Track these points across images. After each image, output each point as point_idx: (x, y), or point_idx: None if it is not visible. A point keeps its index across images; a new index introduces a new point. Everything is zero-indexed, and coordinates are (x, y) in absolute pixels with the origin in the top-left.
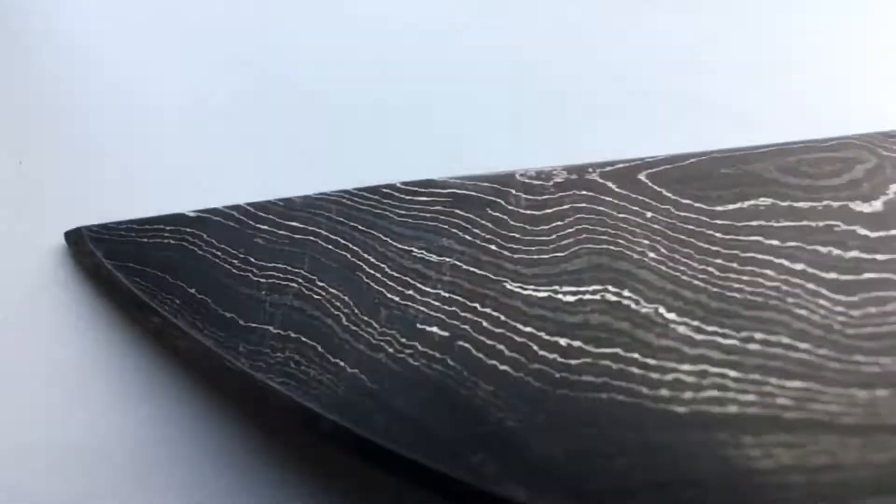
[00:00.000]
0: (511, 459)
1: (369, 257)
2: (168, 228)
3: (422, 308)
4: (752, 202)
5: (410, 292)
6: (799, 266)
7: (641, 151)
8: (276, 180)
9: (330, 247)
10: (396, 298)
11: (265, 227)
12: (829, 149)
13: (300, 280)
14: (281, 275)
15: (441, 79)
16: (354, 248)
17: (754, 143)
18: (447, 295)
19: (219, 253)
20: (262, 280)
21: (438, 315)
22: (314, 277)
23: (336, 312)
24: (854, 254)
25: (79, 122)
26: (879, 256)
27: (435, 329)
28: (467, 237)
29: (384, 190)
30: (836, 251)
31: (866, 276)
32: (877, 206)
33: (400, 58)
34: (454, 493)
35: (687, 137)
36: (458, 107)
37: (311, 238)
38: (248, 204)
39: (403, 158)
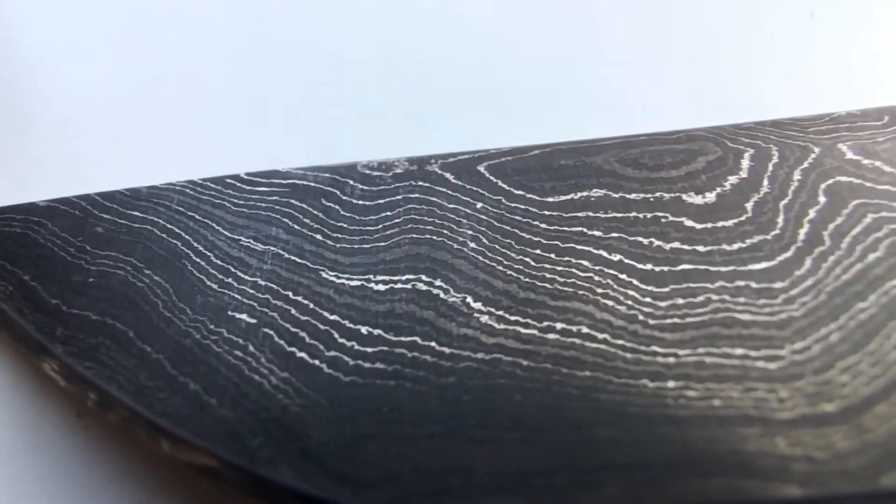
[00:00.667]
0: (287, 444)
1: (198, 246)
2: (18, 218)
3: (236, 296)
4: (584, 193)
5: (229, 280)
6: (616, 257)
7: (511, 142)
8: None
9: (164, 236)
10: (215, 286)
11: (107, 217)
12: (675, 141)
13: (129, 268)
14: (111, 263)
15: (319, 70)
16: (186, 237)
17: (628, 133)
18: (264, 283)
19: (59, 242)
20: (92, 268)
21: (251, 303)
22: (142, 266)
23: (155, 299)
24: (675, 245)
25: None
26: (700, 248)
27: (244, 316)
28: (296, 227)
29: (228, 180)
30: (657, 242)
31: (682, 267)
32: (710, 198)
33: (270, 52)
34: (231, 478)
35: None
36: (341, 98)
37: (149, 227)
38: (97, 194)
39: (283, 148)
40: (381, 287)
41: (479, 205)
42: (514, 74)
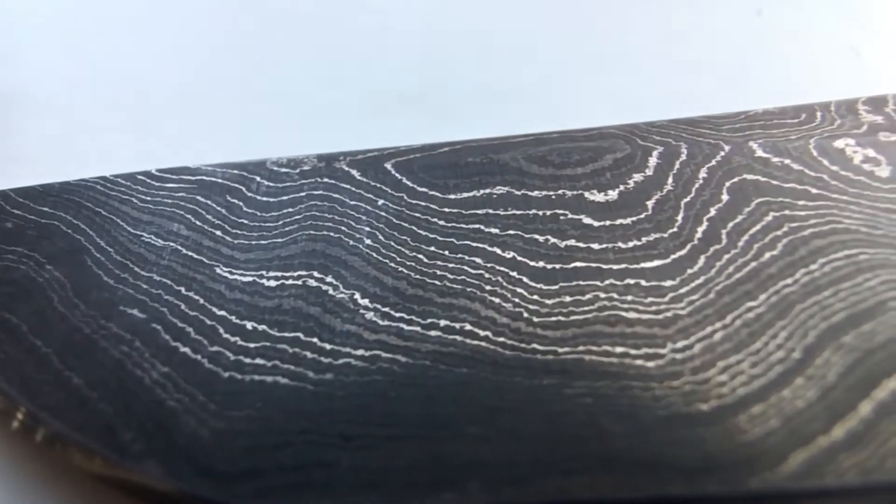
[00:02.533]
0: (158, 439)
1: (100, 242)
2: None
3: (130, 291)
4: (487, 191)
5: (125, 276)
6: (510, 254)
7: (442, 139)
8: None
9: (69, 231)
10: (111, 281)
11: (18, 213)
12: (586, 138)
13: (32, 264)
14: (15, 258)
15: (248, 67)
16: (91, 232)
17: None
18: (158, 279)
19: None
20: None
21: (142, 298)
22: (44, 261)
23: (52, 294)
24: (570, 242)
25: None
26: (596, 245)
27: (135, 311)
28: (197, 223)
29: (139, 176)
30: (553, 240)
31: (574, 265)
32: (612, 195)
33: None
34: (100, 471)
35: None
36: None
37: (55, 223)
38: (12, 189)
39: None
40: (273, 283)
41: (381, 202)
42: (441, 72)
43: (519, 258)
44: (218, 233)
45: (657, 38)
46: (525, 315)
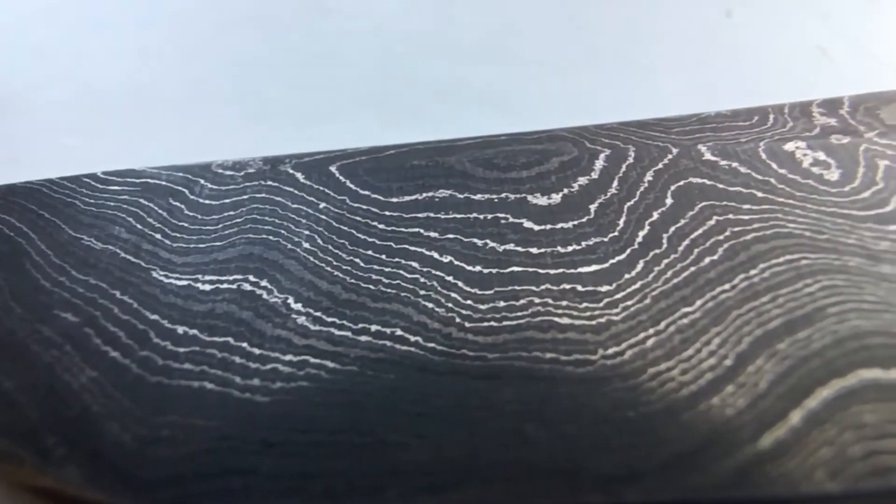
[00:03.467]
0: (81, 444)
1: (41, 245)
2: None
3: (65, 294)
4: (430, 194)
5: (62, 279)
6: (447, 258)
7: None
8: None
9: (12, 234)
10: (48, 284)
11: None
12: (534, 141)
13: None
14: None
15: (209, 67)
16: (32, 235)
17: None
18: (95, 282)
19: None
20: None
21: (77, 301)
22: None
23: None
24: (509, 247)
25: None
26: (534, 250)
27: (69, 315)
28: (138, 226)
29: (84, 179)
30: (492, 244)
31: (511, 269)
32: (555, 199)
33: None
34: (23, 479)
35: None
36: (229, 96)
37: None
38: None
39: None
40: (207, 287)
41: (323, 205)
42: (398, 74)
43: (456, 262)
44: (157, 236)
45: (625, 39)
46: (457, 320)
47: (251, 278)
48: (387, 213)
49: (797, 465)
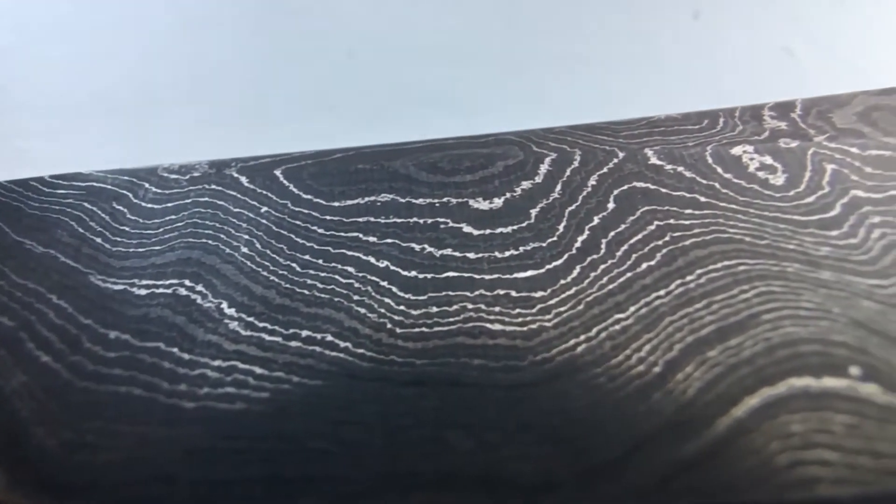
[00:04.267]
0: (7, 449)
1: None
2: None
3: (3, 298)
4: (372, 198)
5: (2, 282)
6: (383, 263)
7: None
8: None
9: None
10: None
11: None
12: (481, 145)
13: None
14: None
15: (168, 72)
16: None
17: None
18: (33, 286)
19: None
20: None
21: (14, 305)
22: None
23: None
24: (446, 252)
25: None
26: (472, 255)
27: (5, 319)
28: (80, 230)
29: (31, 182)
30: (429, 249)
31: (447, 274)
32: (497, 203)
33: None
34: None
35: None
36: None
37: None
38: None
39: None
40: (143, 292)
41: (264, 209)
42: (357, 78)
43: (392, 267)
44: (98, 240)
45: (593, 41)
46: (388, 326)
47: (187, 283)
48: (327, 217)
49: (719, 474)
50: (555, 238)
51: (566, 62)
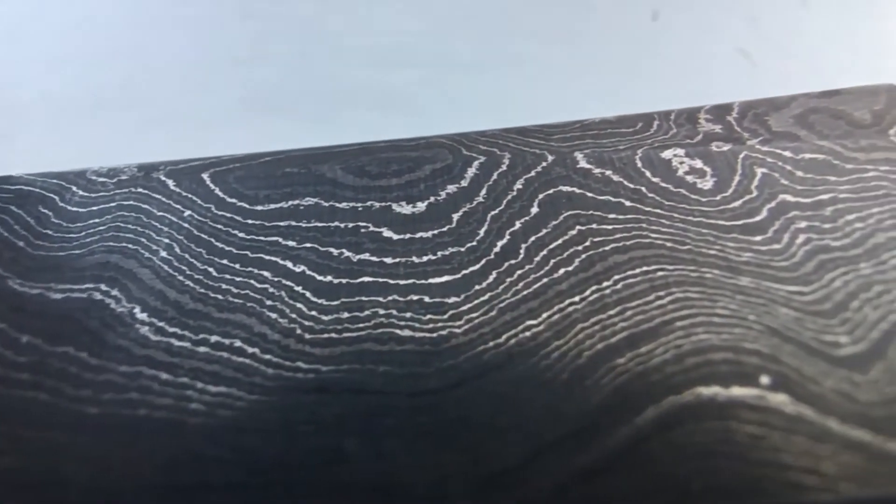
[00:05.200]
0: None
1: None
2: None
3: None
4: (295, 202)
5: None
6: (300, 268)
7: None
8: None
9: None
10: None
11: None
12: (411, 148)
13: None
14: None
15: (117, 72)
16: None
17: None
18: None
19: None
20: None
21: None
22: None
23: None
24: (364, 256)
25: None
26: (389, 259)
27: None
28: (4, 233)
29: None
30: (347, 253)
31: (362, 279)
32: (420, 207)
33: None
34: None
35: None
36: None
37: None
38: None
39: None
40: (59, 296)
41: (187, 213)
42: (314, 77)
43: (308, 272)
44: (21, 244)
45: (549, 42)
46: (298, 331)
47: (103, 287)
48: (249, 221)
49: (617, 483)
50: (474, 243)
51: (523, 64)
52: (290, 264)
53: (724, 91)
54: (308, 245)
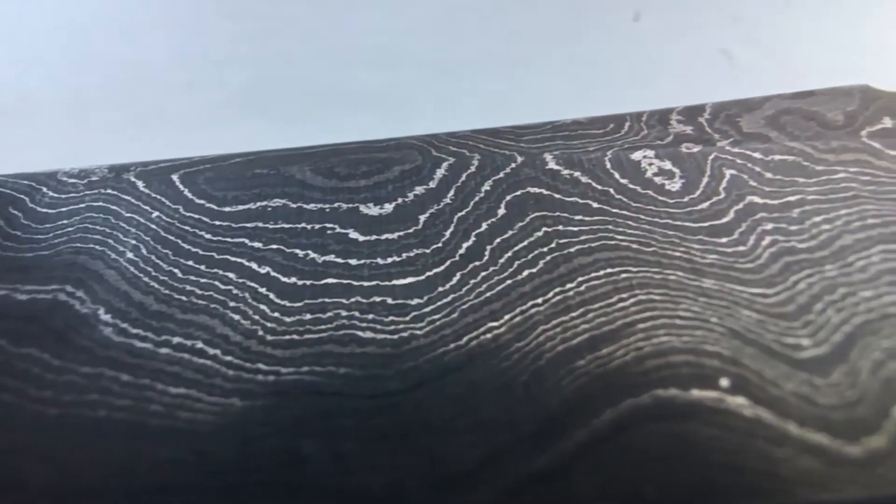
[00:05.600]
0: None
1: None
2: None
3: None
4: (263, 203)
5: None
6: (265, 269)
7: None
8: None
9: None
10: None
11: None
12: (381, 149)
13: None
14: None
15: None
16: None
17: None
18: None
19: None
20: None
21: None
22: None
23: None
24: (329, 258)
25: None
26: (354, 261)
27: None
28: None
29: None
30: (312, 255)
31: (326, 281)
32: (387, 209)
33: None
34: None
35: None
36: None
37: None
38: None
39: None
40: (24, 297)
41: (155, 214)
42: (289, 78)
43: (273, 273)
44: None
45: (530, 42)
46: (260, 333)
47: (69, 288)
48: (217, 223)
49: (571, 487)
50: (440, 244)
51: (501, 65)
52: (255, 266)
53: (706, 91)
54: (274, 246)
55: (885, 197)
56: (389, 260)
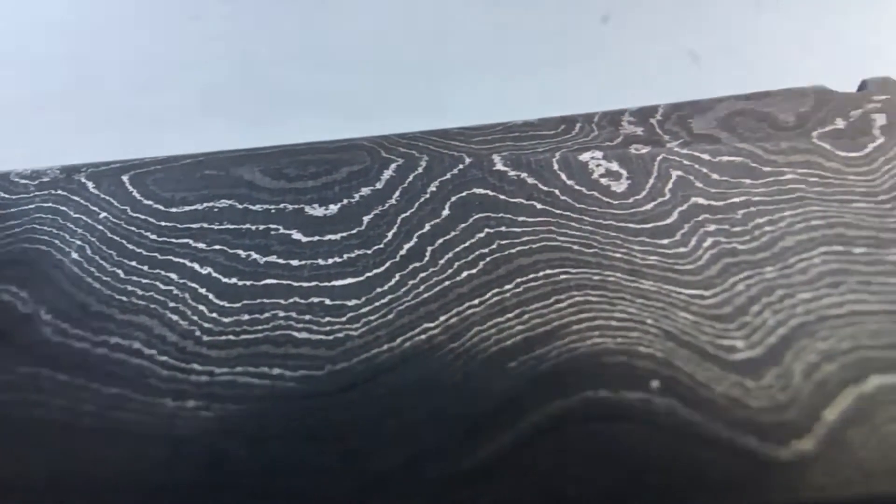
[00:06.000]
0: None
1: None
2: None
3: None
4: (210, 204)
5: None
6: (206, 270)
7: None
8: None
9: None
10: None
11: None
12: (331, 150)
13: None
14: None
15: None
16: None
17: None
18: None
19: None
20: None
21: None
22: None
23: None
24: (271, 259)
25: None
26: (295, 262)
27: None
28: None
29: None
30: (255, 256)
31: (266, 282)
32: (332, 210)
33: None
34: None
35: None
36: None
37: None
38: None
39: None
40: None
41: (103, 215)
42: (258, 80)
43: (214, 274)
44: None
45: (497, 43)
46: (197, 333)
47: (12, 288)
48: (163, 223)
49: (495, 489)
50: (381, 245)
51: (466, 66)
52: (197, 266)
53: (672, 93)
54: (217, 247)
55: (832, 198)
56: (330, 261)
